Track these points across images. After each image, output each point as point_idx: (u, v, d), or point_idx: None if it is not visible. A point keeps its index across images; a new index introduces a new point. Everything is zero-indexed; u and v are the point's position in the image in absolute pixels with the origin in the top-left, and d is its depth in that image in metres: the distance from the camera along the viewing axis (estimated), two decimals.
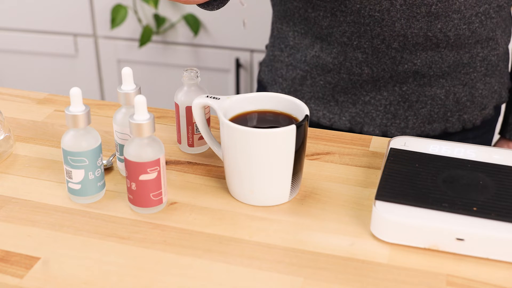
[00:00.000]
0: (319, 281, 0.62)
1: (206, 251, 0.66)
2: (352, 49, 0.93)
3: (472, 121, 0.99)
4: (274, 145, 0.69)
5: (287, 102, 0.75)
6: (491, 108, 1.00)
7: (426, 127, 0.98)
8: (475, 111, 0.98)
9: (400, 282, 0.62)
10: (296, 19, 0.98)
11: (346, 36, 0.93)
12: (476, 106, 0.98)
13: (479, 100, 0.98)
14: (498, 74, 0.99)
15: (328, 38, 0.94)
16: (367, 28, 0.91)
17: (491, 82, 0.98)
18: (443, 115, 0.97)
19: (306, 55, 0.98)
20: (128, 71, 0.73)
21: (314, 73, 0.98)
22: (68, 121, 0.69)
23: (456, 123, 0.98)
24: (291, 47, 1.00)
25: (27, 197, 0.74)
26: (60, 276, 0.62)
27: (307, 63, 0.98)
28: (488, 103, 0.99)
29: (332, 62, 0.96)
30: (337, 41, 0.94)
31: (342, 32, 0.93)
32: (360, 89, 0.96)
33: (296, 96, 1.01)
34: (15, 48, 2.06)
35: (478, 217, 0.65)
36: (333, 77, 0.96)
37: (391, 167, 0.72)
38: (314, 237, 0.68)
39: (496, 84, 1.00)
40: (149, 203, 0.70)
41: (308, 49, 0.97)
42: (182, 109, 0.79)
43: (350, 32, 0.92)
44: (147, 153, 0.68)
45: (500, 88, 1.01)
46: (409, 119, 0.97)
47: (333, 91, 0.97)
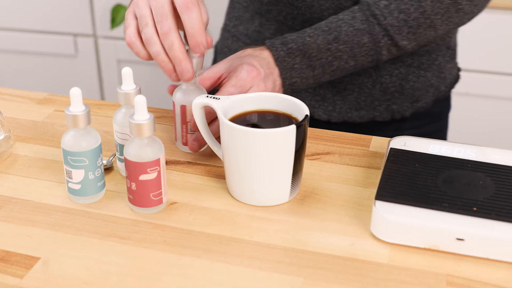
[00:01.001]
0: (319, 281, 0.62)
1: (206, 251, 0.66)
2: (287, 28, 0.96)
3: (401, 112, 1.00)
4: (274, 145, 0.69)
5: (287, 102, 0.75)
6: (426, 102, 1.01)
7: (353, 114, 0.99)
8: (405, 102, 0.99)
9: (400, 282, 0.62)
10: None
11: (283, 16, 0.95)
12: (406, 98, 0.99)
13: (410, 92, 0.99)
14: (436, 69, 1.00)
15: (267, 14, 0.97)
16: (299, 11, 0.94)
17: (427, 76, 0.99)
18: (371, 103, 0.98)
19: (248, 29, 1.00)
20: (128, 71, 0.73)
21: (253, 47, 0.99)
22: (68, 121, 0.69)
23: (384, 113, 0.99)
24: (236, 18, 1.03)
25: (27, 197, 0.74)
26: (60, 276, 0.62)
27: (248, 37, 1.01)
28: (421, 96, 1.00)
29: (270, 37, 0.98)
30: (275, 19, 0.96)
31: (279, 11, 0.95)
32: None
33: None
34: (15, 48, 2.06)
35: (478, 217, 0.65)
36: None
37: (391, 167, 0.72)
38: (314, 237, 0.68)
39: (434, 78, 1.00)
40: (149, 203, 0.70)
41: (249, 23, 1.00)
42: (177, 108, 0.80)
43: (286, 12, 0.95)
44: (147, 153, 0.68)
45: (438, 82, 1.01)
46: (337, 103, 0.98)
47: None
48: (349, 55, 0.85)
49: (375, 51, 0.86)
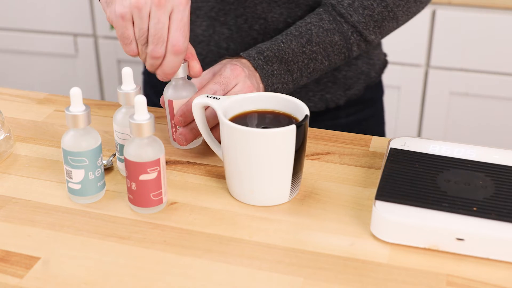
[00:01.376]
0: (319, 281, 0.62)
1: (206, 251, 0.66)
2: (219, 24, 0.96)
3: (335, 101, 1.01)
4: (274, 145, 0.69)
5: (287, 102, 0.75)
6: (358, 89, 1.03)
7: None
8: (338, 91, 1.01)
9: (400, 282, 0.62)
10: None
11: (214, 12, 0.96)
12: (339, 86, 1.01)
13: (342, 81, 1.00)
14: (366, 56, 1.02)
15: (197, 11, 0.97)
16: (232, 7, 0.94)
17: (357, 63, 1.01)
18: (305, 94, 0.99)
19: None
20: (128, 71, 0.73)
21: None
22: (68, 121, 0.69)
23: (319, 103, 1.01)
24: None
25: (27, 197, 0.74)
26: (60, 276, 0.62)
27: None
28: (353, 83, 1.02)
29: (202, 34, 0.98)
30: (206, 15, 0.97)
31: (210, 7, 0.96)
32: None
33: None
34: (15, 48, 2.06)
35: (478, 217, 0.65)
36: (203, 49, 0.99)
37: (391, 167, 0.72)
38: (314, 237, 0.68)
39: (364, 65, 1.02)
40: (149, 203, 0.70)
41: None
42: (166, 103, 0.81)
43: (218, 8, 0.95)
44: (147, 153, 0.68)
45: (368, 69, 1.03)
46: None
47: (203, 63, 0.99)
48: (323, 56, 0.88)
49: (347, 48, 0.89)
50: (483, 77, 1.78)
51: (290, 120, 0.74)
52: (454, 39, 1.76)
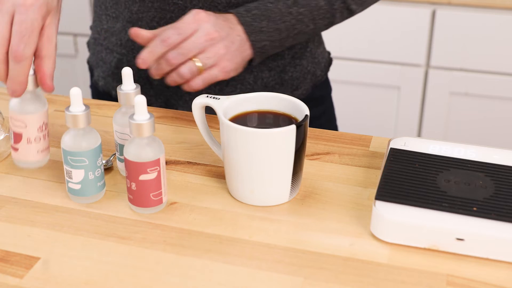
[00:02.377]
0: (319, 281, 0.62)
1: (206, 251, 0.66)
2: None
3: None
4: (274, 145, 0.69)
5: (287, 102, 0.75)
6: (305, 88, 1.03)
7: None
8: (286, 92, 1.01)
9: (400, 282, 0.62)
10: (108, 3, 0.99)
11: (155, 21, 0.95)
12: (286, 87, 1.01)
13: (289, 82, 1.01)
14: (310, 55, 1.02)
15: (139, 22, 0.96)
16: (172, 15, 0.93)
17: (302, 64, 1.01)
18: None
19: (121, 39, 0.99)
20: (128, 71, 0.73)
21: (130, 56, 0.99)
22: (68, 121, 0.69)
23: None
24: (106, 31, 1.02)
25: (27, 197, 0.74)
26: (60, 276, 0.62)
27: (123, 47, 1.00)
28: (300, 83, 1.02)
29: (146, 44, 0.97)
30: (148, 26, 0.96)
31: (151, 17, 0.95)
32: None
33: (113, 79, 1.02)
34: None
35: (478, 217, 0.65)
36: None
37: (391, 167, 0.72)
38: (314, 237, 0.68)
39: (309, 65, 1.03)
40: (149, 203, 0.70)
41: (121, 33, 0.99)
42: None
43: (158, 17, 0.94)
44: (147, 153, 0.68)
45: (314, 68, 1.04)
46: None
47: (148, 74, 0.98)
48: (309, 18, 0.89)
49: (331, 13, 0.91)
50: (483, 77, 1.78)
51: (290, 120, 0.74)
52: (454, 39, 1.76)
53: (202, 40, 0.82)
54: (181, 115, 0.92)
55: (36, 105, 0.73)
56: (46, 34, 0.72)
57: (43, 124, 0.73)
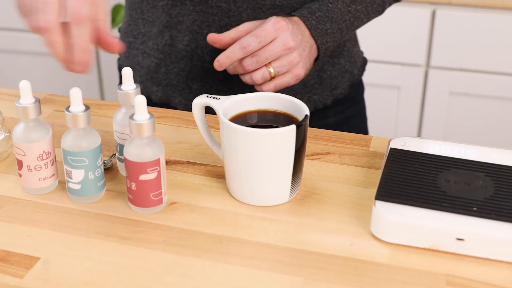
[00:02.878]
0: (319, 281, 0.62)
1: (206, 251, 0.66)
2: (203, 37, 0.95)
3: (323, 102, 1.02)
4: (274, 145, 0.69)
5: (287, 102, 0.75)
6: (344, 87, 1.04)
7: None
8: (325, 92, 1.01)
9: (400, 282, 0.62)
10: (144, 7, 0.99)
11: (196, 25, 0.94)
12: (325, 87, 1.01)
13: (328, 81, 1.01)
14: (347, 54, 1.03)
15: (178, 26, 0.96)
16: (215, 17, 0.93)
17: (340, 62, 1.02)
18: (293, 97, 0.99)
19: (158, 44, 0.99)
20: (128, 71, 0.73)
21: (167, 60, 0.99)
22: (68, 121, 0.69)
23: (307, 104, 1.01)
24: (143, 35, 1.01)
25: (27, 197, 0.74)
26: (60, 276, 0.62)
27: (160, 51, 0.99)
28: (339, 83, 1.03)
29: (184, 49, 0.97)
30: (188, 29, 0.95)
31: (192, 20, 0.94)
32: (212, 78, 0.98)
33: (153, 84, 1.02)
34: (15, 48, 2.06)
35: (478, 217, 0.65)
36: (186, 65, 0.98)
37: (391, 167, 0.72)
38: (314, 237, 0.68)
39: (347, 64, 1.03)
40: (149, 203, 0.70)
41: (158, 37, 0.99)
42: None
43: (200, 21, 0.94)
44: (147, 153, 0.68)
45: (351, 67, 1.04)
46: None
47: (187, 79, 0.99)
48: (364, 14, 0.92)
49: (382, 7, 0.94)
50: (483, 77, 1.78)
51: (290, 120, 0.74)
52: (454, 39, 1.76)
53: (279, 49, 0.83)
54: (181, 115, 0.92)
55: (38, 134, 0.71)
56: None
57: (43, 153, 0.72)
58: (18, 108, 0.70)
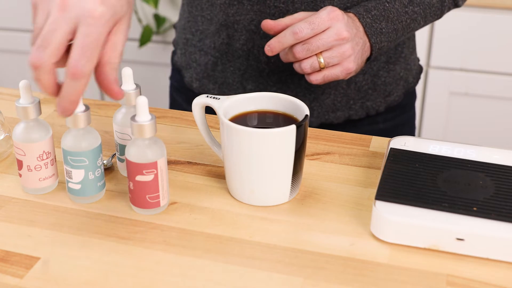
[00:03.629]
0: (319, 281, 0.62)
1: (206, 251, 0.66)
2: (259, 37, 0.94)
3: (376, 108, 1.01)
4: (274, 145, 0.69)
5: (287, 102, 0.75)
6: (397, 95, 1.02)
7: (330, 115, 0.99)
8: (379, 98, 1.00)
9: (400, 282, 0.62)
10: (203, 4, 0.99)
11: (254, 24, 0.94)
12: (379, 93, 1.00)
13: (382, 87, 1.00)
14: (403, 61, 1.01)
15: (235, 25, 0.95)
16: (273, 18, 0.92)
17: (396, 69, 1.00)
18: (346, 103, 0.99)
19: (215, 42, 0.99)
20: (128, 71, 0.73)
21: (224, 59, 0.99)
22: (68, 121, 0.69)
23: (360, 110, 1.00)
24: (201, 32, 1.01)
25: (27, 197, 0.74)
26: (60, 276, 0.62)
27: (217, 49, 0.99)
28: (393, 89, 1.01)
29: (241, 48, 0.97)
30: (245, 29, 0.95)
31: (249, 20, 0.94)
32: (267, 79, 0.97)
33: (209, 81, 1.02)
34: (15, 48, 2.06)
35: (478, 217, 0.65)
36: (242, 64, 0.98)
37: (391, 167, 0.72)
38: (314, 237, 0.68)
39: (402, 71, 1.02)
40: (145, 204, 0.70)
41: (215, 36, 0.98)
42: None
43: (257, 21, 0.93)
44: (145, 154, 0.67)
45: (406, 74, 1.03)
46: (314, 109, 0.99)
47: (242, 78, 0.98)
48: (421, 17, 0.90)
49: (440, 11, 0.93)
50: (483, 77, 1.78)
51: (290, 120, 0.74)
52: (454, 39, 1.76)
53: (332, 39, 0.82)
54: (181, 115, 0.92)
55: (38, 134, 0.71)
56: (111, 41, 0.62)
57: (43, 153, 0.72)
58: (18, 108, 0.70)
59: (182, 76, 1.07)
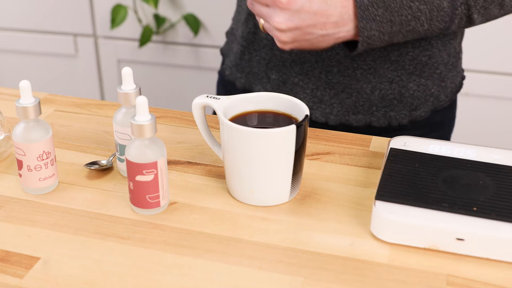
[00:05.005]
0: (319, 281, 0.62)
1: (206, 251, 0.66)
2: None
3: (399, 120, 0.99)
4: (274, 145, 0.69)
5: (287, 102, 0.75)
6: (424, 110, 0.99)
7: (350, 117, 0.99)
8: (404, 110, 0.98)
9: (400, 282, 0.62)
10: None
11: None
12: (404, 105, 0.98)
13: (408, 100, 0.98)
14: (438, 78, 0.98)
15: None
16: None
17: (427, 84, 0.98)
18: (368, 108, 0.98)
19: (243, 31, 1.00)
20: (128, 71, 0.73)
21: (251, 48, 1.00)
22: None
23: (382, 119, 0.99)
24: (237, 21, 1.04)
25: (27, 197, 0.74)
26: (60, 276, 0.62)
27: (244, 39, 1.01)
28: (420, 104, 0.99)
29: (266, 38, 0.98)
30: None
31: None
32: (290, 69, 0.97)
33: (237, 70, 1.03)
34: (15, 48, 2.06)
35: (478, 217, 0.65)
36: (266, 53, 0.98)
37: (391, 167, 0.72)
38: (314, 237, 0.68)
39: (434, 87, 0.99)
40: (145, 204, 0.70)
41: (244, 25, 1.00)
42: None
43: None
44: (145, 154, 0.67)
45: (438, 91, 0.99)
46: (334, 106, 0.98)
47: (266, 68, 0.99)
48: (426, 17, 0.85)
49: (450, 18, 0.86)
50: (483, 77, 1.78)
51: (290, 120, 0.74)
52: None
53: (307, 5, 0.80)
54: (181, 115, 0.92)
55: (38, 134, 0.71)
56: None
57: (43, 153, 0.72)
58: (18, 108, 0.70)
59: (223, 64, 1.11)
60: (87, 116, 0.91)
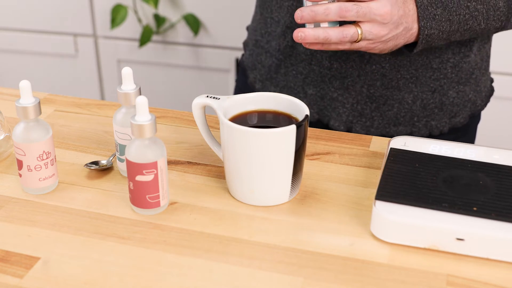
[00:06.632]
0: (319, 281, 0.62)
1: (206, 251, 0.66)
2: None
3: (440, 128, 0.99)
4: (274, 145, 0.69)
5: (287, 102, 0.75)
6: (463, 116, 0.99)
7: (391, 129, 0.98)
8: (444, 118, 0.98)
9: (400, 282, 0.62)
10: (273, 6, 0.99)
11: None
12: (445, 113, 0.98)
13: (449, 108, 0.98)
14: (474, 83, 0.98)
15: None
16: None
17: (465, 90, 0.98)
18: (410, 119, 0.97)
19: (280, 44, 0.99)
20: (128, 71, 0.73)
21: (287, 62, 0.99)
22: None
23: (423, 129, 0.98)
24: (269, 34, 1.01)
25: (27, 197, 0.74)
26: (60, 276, 0.62)
27: (281, 52, 0.99)
28: (459, 111, 0.99)
29: (304, 52, 0.97)
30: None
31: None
32: (328, 85, 0.97)
33: (271, 84, 1.02)
34: (15, 48, 2.06)
35: (478, 217, 0.65)
36: (304, 68, 0.97)
37: (391, 167, 0.72)
38: (314, 237, 0.68)
39: (471, 93, 0.99)
40: (145, 204, 0.70)
41: (281, 38, 0.99)
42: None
43: None
44: (145, 154, 0.67)
45: (475, 96, 1.00)
46: (375, 119, 0.97)
47: (303, 83, 0.98)
48: (483, 17, 0.86)
49: (506, 17, 0.88)
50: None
51: (290, 120, 0.74)
52: None
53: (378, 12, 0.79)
54: (181, 115, 0.92)
55: (38, 134, 0.71)
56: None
57: (43, 153, 0.72)
58: (18, 108, 0.70)
59: (246, 77, 1.08)
60: (87, 116, 0.91)
